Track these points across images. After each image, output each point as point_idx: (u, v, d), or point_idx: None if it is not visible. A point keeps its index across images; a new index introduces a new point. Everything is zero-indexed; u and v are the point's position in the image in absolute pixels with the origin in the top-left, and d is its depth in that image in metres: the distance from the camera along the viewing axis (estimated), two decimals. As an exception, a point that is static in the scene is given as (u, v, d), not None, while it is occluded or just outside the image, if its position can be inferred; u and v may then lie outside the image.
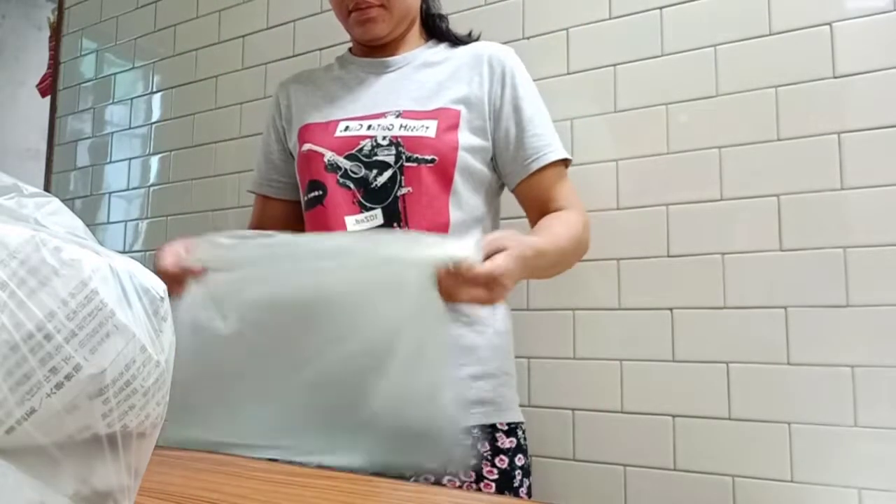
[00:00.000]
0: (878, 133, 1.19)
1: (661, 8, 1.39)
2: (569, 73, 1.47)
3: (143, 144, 2.21)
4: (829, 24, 1.24)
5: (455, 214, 1.05)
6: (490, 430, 1.04)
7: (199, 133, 2.06)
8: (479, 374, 1.04)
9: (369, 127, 1.06)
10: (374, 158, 1.04)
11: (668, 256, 1.34)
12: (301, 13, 1.90)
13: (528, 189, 1.10)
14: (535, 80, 1.16)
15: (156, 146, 2.17)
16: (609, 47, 1.44)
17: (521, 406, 1.12)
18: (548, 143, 1.09)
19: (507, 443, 1.04)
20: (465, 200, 1.06)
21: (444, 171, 1.04)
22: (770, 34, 1.29)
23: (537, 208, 1.10)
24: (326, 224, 1.05)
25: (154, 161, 2.17)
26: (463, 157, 1.05)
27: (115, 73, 2.32)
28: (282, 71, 1.89)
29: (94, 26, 2.40)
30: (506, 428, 1.06)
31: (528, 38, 1.52)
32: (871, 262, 1.17)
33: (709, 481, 1.26)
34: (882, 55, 1.20)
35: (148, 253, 2.12)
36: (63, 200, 0.39)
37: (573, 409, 1.39)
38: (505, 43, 1.21)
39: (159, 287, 0.35)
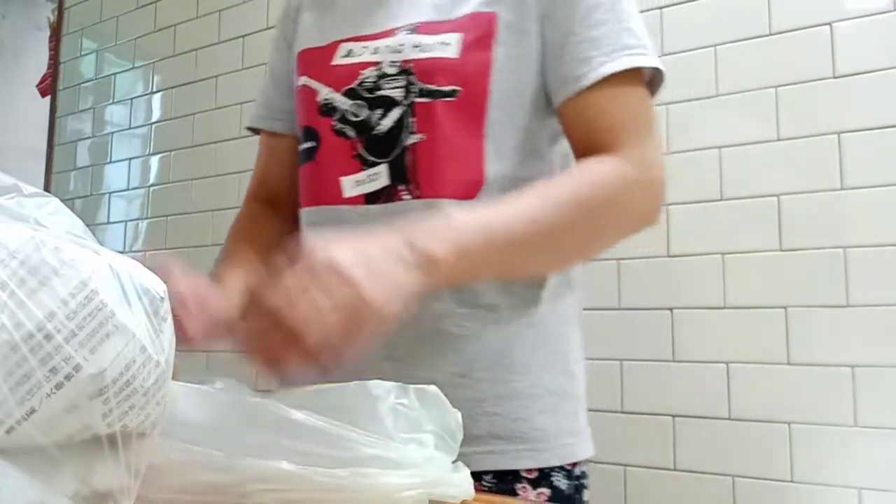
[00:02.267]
0: (878, 133, 1.19)
1: (661, 8, 1.39)
2: (569, 73, 1.47)
3: (143, 144, 2.21)
4: (829, 24, 1.24)
5: (494, 168, 0.73)
6: (510, 480, 0.71)
7: (199, 133, 2.06)
8: (492, 396, 0.72)
9: (375, 50, 0.76)
10: (378, 93, 0.75)
11: (668, 256, 1.34)
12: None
13: (568, 122, 0.74)
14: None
15: (156, 146, 2.17)
16: (609, 47, 1.44)
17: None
18: (601, 51, 0.71)
19: (531, 495, 0.71)
20: (512, 147, 0.74)
21: (472, 107, 0.73)
22: (770, 34, 1.29)
23: (581, 153, 0.73)
24: (318, 186, 0.79)
25: (154, 161, 2.17)
26: (500, 84, 0.73)
27: (115, 73, 2.32)
28: (282, 71, 1.89)
29: (94, 26, 2.40)
30: (534, 475, 0.72)
31: (528, 38, 1.52)
32: (871, 262, 1.17)
33: (709, 481, 1.26)
34: (882, 55, 1.20)
35: (148, 253, 2.12)
36: (63, 200, 0.39)
37: (573, 409, 1.39)
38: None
39: (159, 287, 0.35)
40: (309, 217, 0.81)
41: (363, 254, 0.55)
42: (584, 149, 0.72)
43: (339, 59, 0.79)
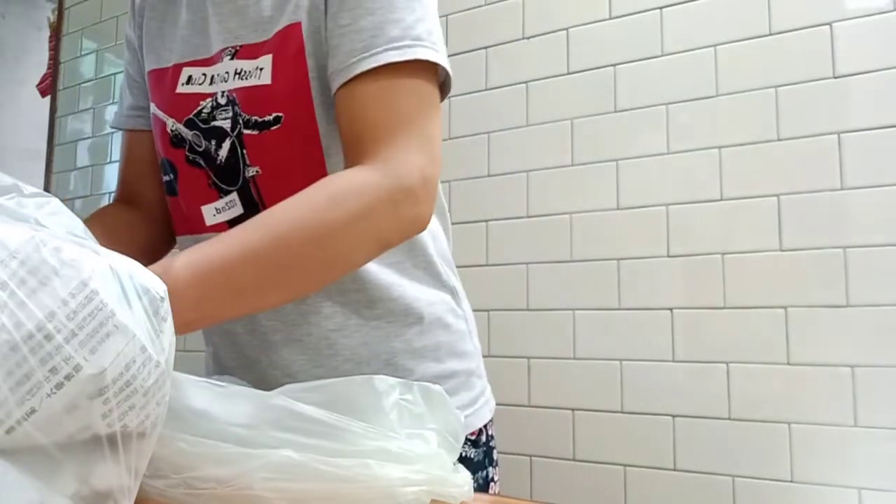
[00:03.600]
0: (878, 133, 1.19)
1: (661, 8, 1.39)
2: (569, 73, 1.47)
3: (143, 144, 2.21)
4: (829, 24, 1.24)
5: None
6: None
7: (199, 133, 2.06)
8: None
9: (212, 79, 0.73)
10: (212, 124, 0.72)
11: (668, 256, 1.34)
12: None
13: (337, 113, 0.67)
14: (535, 81, 1.16)
15: (156, 146, 2.17)
16: (609, 47, 1.44)
17: (520, 406, 1.11)
18: (374, 41, 0.64)
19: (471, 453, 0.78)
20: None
21: (302, 129, 0.68)
22: (770, 34, 1.29)
23: (347, 154, 0.67)
24: (185, 219, 0.77)
25: (154, 161, 2.17)
26: (321, 96, 0.68)
27: (115, 73, 2.32)
28: (282, 71, 1.89)
29: (94, 26, 2.40)
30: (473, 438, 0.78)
31: (528, 38, 1.52)
32: (871, 262, 1.17)
33: (709, 481, 1.26)
34: (882, 55, 1.20)
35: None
36: (63, 200, 0.39)
37: (573, 409, 1.39)
38: (505, 43, 1.21)
39: (159, 287, 0.35)
40: (182, 245, 0.80)
41: None
42: (347, 146, 0.66)
43: (181, 87, 0.76)
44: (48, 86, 2.47)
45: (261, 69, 0.69)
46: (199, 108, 0.73)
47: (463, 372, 0.79)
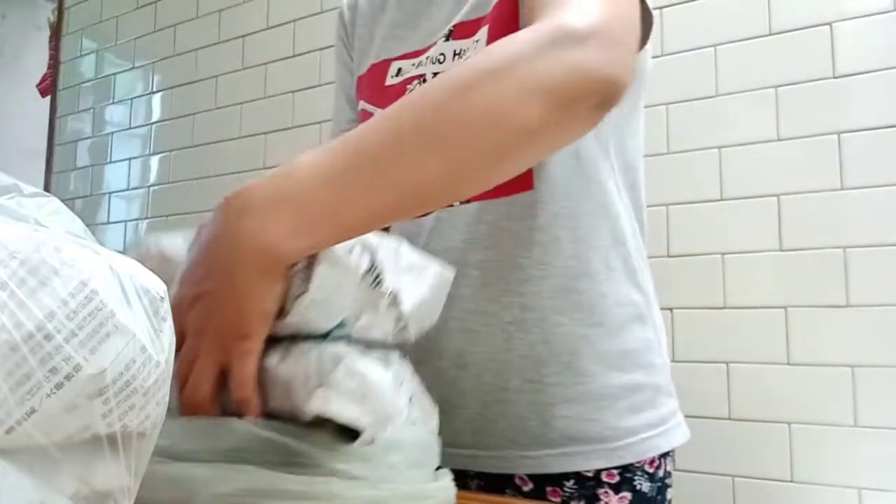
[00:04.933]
0: (878, 133, 1.19)
1: (661, 8, 1.39)
2: (569, 73, 1.47)
3: (143, 144, 2.21)
4: (829, 24, 1.24)
5: (545, 172, 0.67)
6: (591, 486, 0.68)
7: (199, 133, 2.06)
8: (562, 399, 0.68)
9: (419, 64, 0.73)
10: None
11: (668, 256, 1.34)
12: (301, 13, 1.89)
13: None
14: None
15: (156, 146, 2.17)
16: (609, 47, 1.44)
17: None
18: None
19: (613, 501, 0.68)
20: (569, 148, 0.67)
21: None
22: (770, 34, 1.29)
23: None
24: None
25: (154, 161, 2.17)
26: None
27: (115, 73, 2.32)
28: (281, 71, 1.89)
29: (94, 26, 2.40)
30: (616, 480, 0.68)
31: (528, 38, 1.52)
32: (871, 262, 1.17)
33: (709, 481, 1.26)
34: (882, 55, 1.20)
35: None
36: (63, 200, 0.39)
37: (573, 409, 1.39)
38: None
39: (159, 287, 0.35)
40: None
41: (204, 294, 0.45)
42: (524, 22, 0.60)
43: (390, 80, 0.76)
44: (48, 86, 2.47)
45: (477, 41, 0.67)
46: (407, 91, 0.72)
47: (649, 386, 0.72)
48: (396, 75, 0.75)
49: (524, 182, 0.67)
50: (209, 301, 0.45)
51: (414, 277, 0.50)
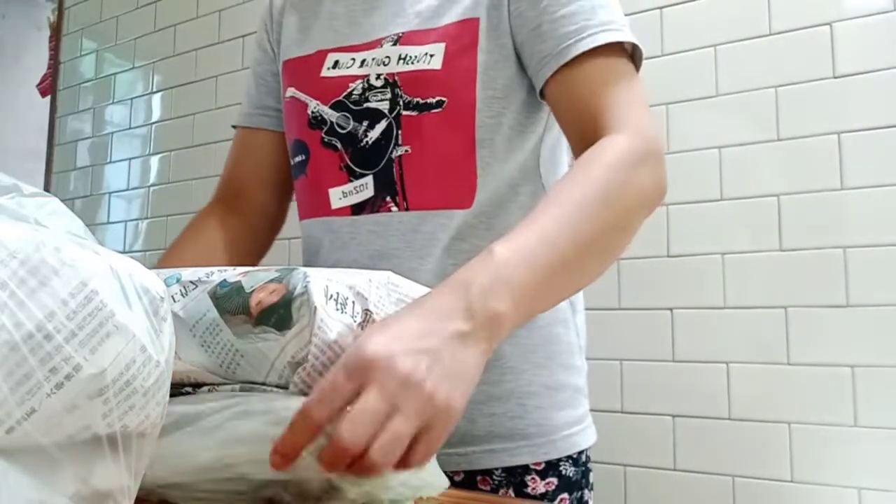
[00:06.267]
0: (878, 133, 1.19)
1: (661, 8, 1.39)
2: (569, 73, 1.47)
3: (143, 144, 2.21)
4: (829, 24, 1.24)
5: (486, 173, 0.73)
6: (519, 473, 0.73)
7: (199, 133, 2.06)
8: (488, 397, 0.72)
9: (363, 62, 0.77)
10: (365, 106, 0.75)
11: (668, 256, 1.34)
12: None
13: (554, 101, 0.72)
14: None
15: (156, 146, 2.17)
16: (609, 47, 1.44)
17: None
18: (584, 24, 0.68)
19: (540, 486, 0.73)
20: (503, 149, 0.74)
21: (461, 116, 0.72)
22: (770, 34, 1.29)
23: (574, 132, 0.71)
24: (310, 200, 0.80)
25: (154, 161, 2.17)
26: (486, 90, 0.73)
27: (115, 73, 2.32)
28: (282, 71, 1.89)
29: (94, 26, 2.40)
30: (542, 466, 0.74)
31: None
32: (871, 262, 1.17)
33: (709, 481, 1.26)
34: (882, 55, 1.20)
35: (148, 253, 2.12)
36: (63, 200, 0.39)
37: (573, 409, 1.39)
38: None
39: (159, 287, 0.35)
40: (304, 230, 0.83)
41: (428, 351, 0.45)
42: (576, 127, 0.70)
43: (326, 71, 0.79)
44: (48, 86, 2.47)
45: (430, 55, 0.73)
46: (349, 89, 0.77)
47: (570, 386, 0.77)
48: (333, 67, 0.79)
49: (466, 200, 0.73)
50: (431, 361, 0.45)
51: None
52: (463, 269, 0.52)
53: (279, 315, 0.46)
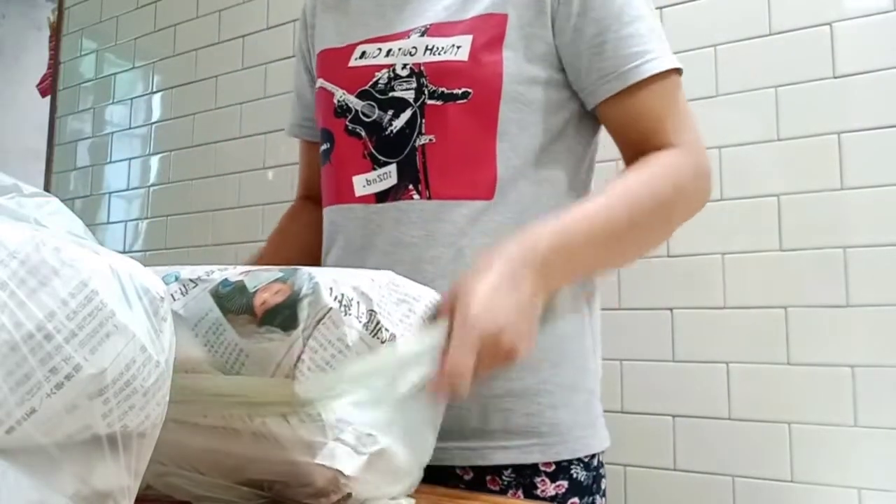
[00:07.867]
0: (878, 133, 1.19)
1: (661, 8, 1.39)
2: (569, 73, 1.47)
3: (143, 144, 2.21)
4: (829, 24, 1.24)
5: (507, 167, 0.75)
6: (529, 474, 0.73)
7: (199, 133, 2.06)
8: (506, 392, 0.74)
9: (389, 52, 0.78)
10: (391, 95, 0.77)
11: (668, 256, 1.34)
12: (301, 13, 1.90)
13: (614, 117, 0.77)
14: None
15: (156, 146, 2.17)
16: (609, 47, 1.44)
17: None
18: (645, 48, 0.74)
19: (550, 489, 0.73)
20: (525, 146, 0.76)
21: (485, 108, 0.74)
22: (770, 34, 1.29)
23: (631, 146, 0.77)
24: (335, 187, 0.82)
25: (154, 161, 2.17)
26: (511, 85, 0.75)
27: (115, 73, 2.32)
28: (282, 71, 1.89)
29: (94, 26, 2.40)
30: (552, 469, 0.74)
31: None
32: (871, 262, 1.17)
33: (709, 481, 1.26)
34: (882, 55, 1.20)
35: (148, 253, 2.12)
36: (63, 200, 0.39)
37: (573, 409, 1.39)
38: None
39: (159, 287, 0.35)
40: (328, 216, 0.84)
41: (504, 300, 0.60)
42: (633, 144, 0.76)
43: (353, 61, 0.81)
44: (48, 86, 2.47)
45: (458, 47, 0.75)
46: (375, 78, 0.78)
47: (585, 389, 0.78)
48: (360, 57, 0.81)
49: (487, 192, 0.75)
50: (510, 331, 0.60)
51: (407, 309, 0.55)
52: (529, 235, 0.65)
53: (285, 315, 0.47)
